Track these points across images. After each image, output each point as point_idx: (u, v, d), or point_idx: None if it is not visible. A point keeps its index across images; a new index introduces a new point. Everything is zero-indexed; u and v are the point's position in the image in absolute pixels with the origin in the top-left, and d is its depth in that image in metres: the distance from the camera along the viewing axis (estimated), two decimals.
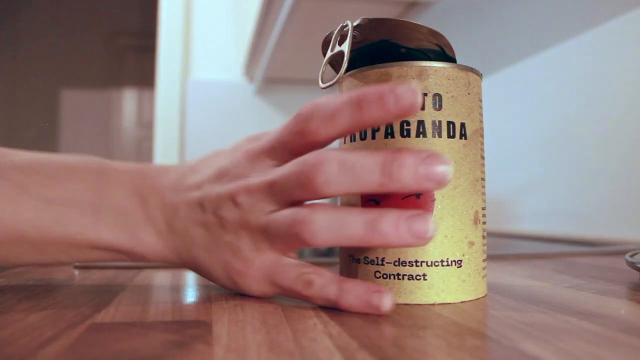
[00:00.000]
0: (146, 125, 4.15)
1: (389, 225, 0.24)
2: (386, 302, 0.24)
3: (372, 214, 0.24)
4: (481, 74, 0.30)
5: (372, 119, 0.24)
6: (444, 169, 0.23)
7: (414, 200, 0.27)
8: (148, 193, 0.30)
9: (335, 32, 0.30)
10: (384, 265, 0.27)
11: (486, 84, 1.01)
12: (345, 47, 0.29)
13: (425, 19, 1.26)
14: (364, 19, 0.29)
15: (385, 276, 0.27)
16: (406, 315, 0.25)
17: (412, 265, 0.27)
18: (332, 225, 0.25)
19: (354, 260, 0.29)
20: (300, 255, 0.53)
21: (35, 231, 0.29)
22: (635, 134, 0.67)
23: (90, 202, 0.30)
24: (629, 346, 0.19)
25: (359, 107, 0.24)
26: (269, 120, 2.24)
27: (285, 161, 0.28)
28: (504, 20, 0.97)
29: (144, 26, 4.10)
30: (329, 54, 0.30)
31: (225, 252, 0.28)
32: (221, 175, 0.29)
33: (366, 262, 0.28)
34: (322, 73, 0.30)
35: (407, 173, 0.23)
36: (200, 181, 0.30)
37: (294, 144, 0.27)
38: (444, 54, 0.30)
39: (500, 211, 0.96)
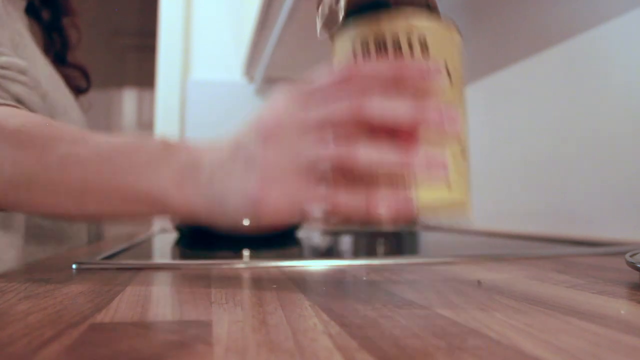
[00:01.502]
0: (146, 125, 4.15)
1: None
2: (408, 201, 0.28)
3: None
4: (461, 34, 0.33)
5: (406, 74, 0.28)
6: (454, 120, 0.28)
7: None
8: (199, 164, 0.33)
9: None
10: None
11: (486, 84, 1.01)
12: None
13: None
14: None
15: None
16: (406, 315, 0.25)
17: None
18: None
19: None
20: (299, 255, 0.53)
21: (97, 181, 0.34)
22: (635, 134, 0.67)
23: (148, 162, 0.33)
24: (629, 346, 0.19)
25: (394, 65, 0.28)
26: None
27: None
28: (503, 20, 0.97)
29: (144, 26, 4.10)
30: (324, 4, 0.32)
31: (251, 172, 0.30)
32: (247, 123, 0.32)
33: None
34: (320, 19, 0.33)
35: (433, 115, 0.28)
36: (232, 136, 0.33)
37: (334, 83, 0.29)
38: (427, 7, 0.33)
39: (500, 211, 0.96)
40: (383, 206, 0.28)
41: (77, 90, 0.78)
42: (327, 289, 0.32)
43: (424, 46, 0.30)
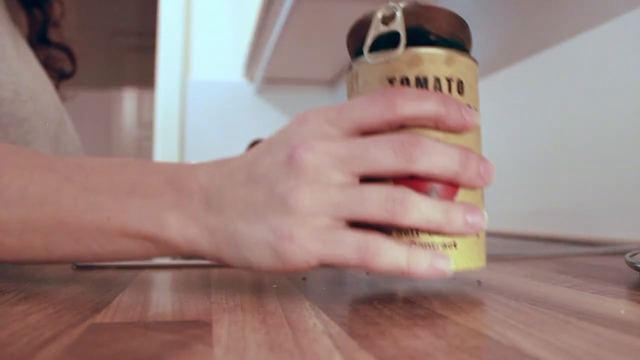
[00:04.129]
0: (146, 125, 4.15)
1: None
2: (451, 266, 0.26)
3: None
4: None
5: (449, 116, 0.28)
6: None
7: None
8: (184, 178, 0.30)
9: (379, 12, 0.31)
10: (418, 235, 0.28)
11: (486, 84, 1.01)
12: (400, 27, 0.30)
13: None
14: (412, 3, 0.31)
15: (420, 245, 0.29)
16: (406, 315, 0.25)
17: (445, 236, 0.29)
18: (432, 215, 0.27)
19: (384, 232, 0.29)
20: None
21: (71, 217, 0.30)
22: (635, 133, 0.67)
23: (124, 190, 0.30)
24: (629, 346, 0.19)
25: (443, 103, 0.27)
26: (269, 120, 2.24)
27: (346, 131, 0.28)
28: (503, 20, 0.97)
29: (144, 26, 4.10)
30: (373, 32, 0.31)
31: (272, 217, 0.27)
32: (269, 144, 0.29)
33: (399, 232, 0.29)
34: (368, 49, 0.30)
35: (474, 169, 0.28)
36: (246, 157, 0.29)
37: (368, 113, 0.27)
38: (463, 47, 0.32)
39: (500, 211, 0.96)
40: (421, 266, 0.26)
41: (61, 75, 0.72)
42: (327, 289, 0.32)
43: (461, 89, 0.30)
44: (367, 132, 0.28)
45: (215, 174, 0.29)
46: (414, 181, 0.28)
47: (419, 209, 0.26)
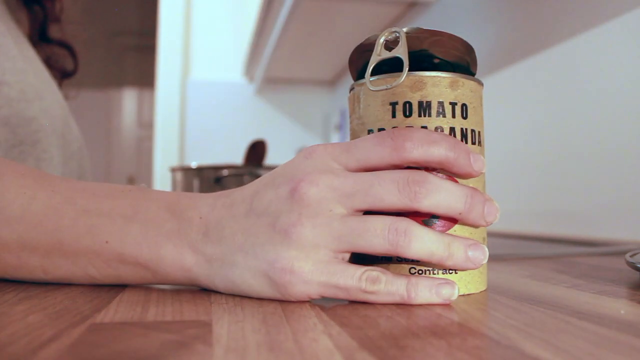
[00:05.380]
0: (146, 125, 4.15)
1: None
2: (456, 292, 0.27)
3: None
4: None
5: (457, 163, 0.28)
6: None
7: None
8: (184, 208, 0.30)
9: (382, 37, 0.31)
10: (418, 262, 0.29)
11: (486, 84, 1.01)
12: (403, 53, 0.29)
13: (425, 19, 1.27)
14: (414, 27, 0.30)
15: (420, 272, 0.29)
16: (406, 315, 0.25)
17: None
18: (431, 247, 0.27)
19: (384, 259, 0.29)
20: None
21: (69, 239, 0.30)
22: (635, 133, 0.67)
23: (123, 214, 0.30)
24: (629, 346, 0.19)
25: (452, 149, 0.27)
26: (269, 120, 2.24)
27: (352, 169, 0.28)
28: (503, 20, 0.97)
29: (144, 26, 4.10)
30: (376, 57, 0.31)
31: (272, 250, 0.27)
32: (273, 178, 0.29)
33: (399, 260, 0.29)
34: (369, 76, 0.30)
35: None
36: (249, 189, 0.29)
37: (376, 154, 0.27)
38: (468, 69, 0.33)
39: (500, 211, 0.96)
40: (423, 295, 0.26)
41: (63, 74, 0.72)
42: None
43: (464, 112, 0.30)
44: (372, 170, 0.28)
45: (216, 205, 0.30)
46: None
47: (422, 241, 0.26)
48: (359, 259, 0.29)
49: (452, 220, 0.29)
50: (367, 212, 0.28)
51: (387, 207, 0.27)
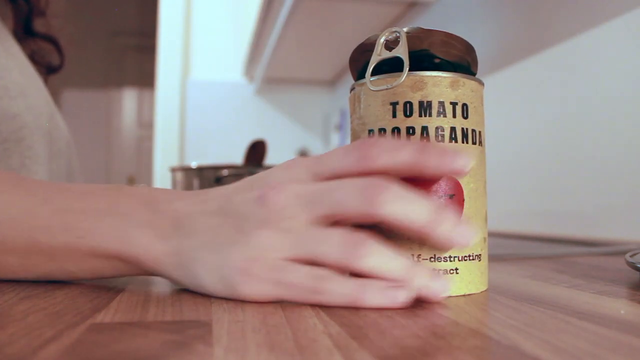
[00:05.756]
0: (146, 125, 4.15)
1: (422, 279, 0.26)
2: (407, 296, 0.26)
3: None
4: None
5: (428, 165, 0.27)
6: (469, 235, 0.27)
7: (448, 201, 0.29)
8: (160, 201, 0.31)
9: (382, 37, 0.31)
10: (420, 261, 0.29)
11: (486, 84, 1.01)
12: (403, 52, 0.29)
13: (425, 19, 1.27)
14: (415, 27, 0.30)
15: (424, 259, 0.29)
16: (406, 315, 0.25)
17: (447, 261, 0.29)
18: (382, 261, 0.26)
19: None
20: None
21: (45, 237, 0.31)
22: (635, 134, 0.67)
23: (98, 209, 0.31)
24: (629, 346, 0.19)
25: (420, 152, 0.26)
26: (269, 120, 2.24)
27: (322, 178, 0.28)
28: (504, 20, 0.97)
29: (144, 26, 4.10)
30: (376, 57, 0.31)
31: (235, 250, 0.27)
32: (250, 182, 0.29)
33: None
34: (369, 75, 0.30)
35: (447, 227, 0.26)
36: (225, 189, 0.30)
37: (344, 163, 0.28)
38: (469, 69, 0.32)
39: (500, 211, 0.96)
40: (374, 298, 0.26)
41: (49, 69, 0.71)
42: None
43: (465, 112, 0.30)
44: None
45: (192, 200, 0.30)
46: (421, 183, 0.28)
47: (377, 257, 0.26)
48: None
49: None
50: (361, 225, 0.28)
51: (349, 212, 0.26)
